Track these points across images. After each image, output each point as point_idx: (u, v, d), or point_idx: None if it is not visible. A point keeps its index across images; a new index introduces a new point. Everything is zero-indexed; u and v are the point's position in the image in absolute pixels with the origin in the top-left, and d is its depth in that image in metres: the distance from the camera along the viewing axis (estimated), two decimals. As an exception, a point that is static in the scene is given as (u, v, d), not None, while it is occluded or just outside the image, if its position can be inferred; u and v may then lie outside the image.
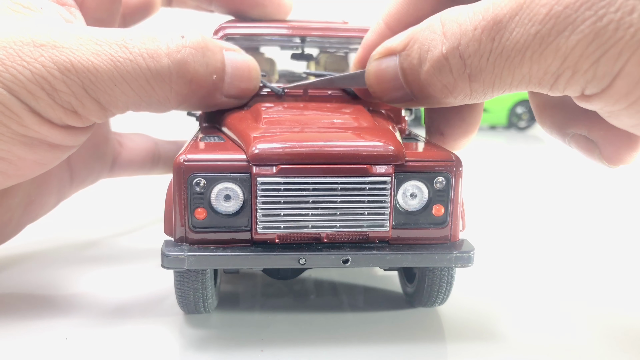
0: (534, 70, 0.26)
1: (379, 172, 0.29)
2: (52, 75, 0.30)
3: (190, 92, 0.33)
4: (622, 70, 0.24)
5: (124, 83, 0.31)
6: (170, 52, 0.32)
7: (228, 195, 0.29)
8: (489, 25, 0.26)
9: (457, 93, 0.29)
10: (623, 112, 0.26)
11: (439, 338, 0.33)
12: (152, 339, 0.32)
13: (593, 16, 0.24)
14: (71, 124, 0.32)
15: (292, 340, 0.32)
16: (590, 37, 0.24)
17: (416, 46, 0.29)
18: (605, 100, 0.26)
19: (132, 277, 0.40)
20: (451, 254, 0.30)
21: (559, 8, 0.24)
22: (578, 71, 0.25)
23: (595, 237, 0.54)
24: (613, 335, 0.33)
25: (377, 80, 0.33)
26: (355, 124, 0.32)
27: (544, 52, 0.25)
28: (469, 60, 0.27)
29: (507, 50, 0.26)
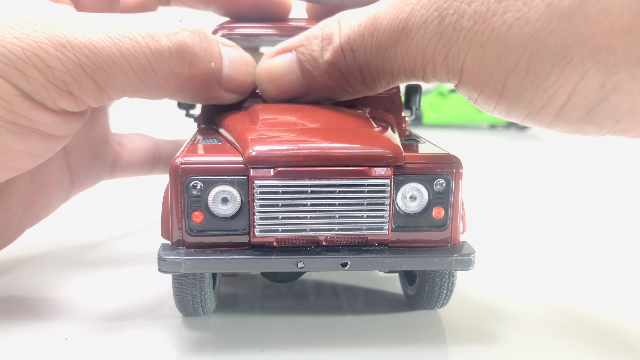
0: (406, 63, 0.30)
1: (378, 175, 0.29)
2: (46, 52, 0.29)
3: (190, 76, 0.33)
4: (464, 66, 0.28)
5: (122, 60, 0.30)
6: (169, 34, 0.32)
7: (225, 198, 0.29)
8: (370, 22, 0.30)
9: (352, 82, 0.33)
10: (479, 100, 0.29)
11: (439, 341, 0.32)
12: (150, 342, 0.32)
13: (438, 17, 0.28)
14: (65, 107, 0.31)
15: (292, 343, 0.32)
16: (437, 36, 0.28)
17: (317, 40, 0.33)
18: (465, 90, 0.29)
19: (131, 279, 0.40)
20: (451, 257, 0.30)
21: (417, 7, 0.28)
22: (436, 64, 0.29)
23: (596, 237, 0.54)
24: (615, 337, 0.33)
25: (268, 78, 0.35)
26: (354, 125, 0.32)
27: (410, 46, 0.29)
28: (357, 52, 0.31)
29: (383, 44, 0.30)
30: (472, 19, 0.27)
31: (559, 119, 0.27)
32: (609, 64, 0.24)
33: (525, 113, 0.28)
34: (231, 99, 0.36)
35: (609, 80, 0.25)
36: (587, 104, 0.26)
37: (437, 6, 0.28)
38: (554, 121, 0.27)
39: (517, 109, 0.28)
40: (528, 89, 0.26)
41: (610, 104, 0.25)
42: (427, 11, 0.28)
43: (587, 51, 0.24)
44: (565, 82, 0.25)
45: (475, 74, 0.28)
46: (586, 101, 0.26)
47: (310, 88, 0.34)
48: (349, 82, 0.33)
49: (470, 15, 0.27)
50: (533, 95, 0.26)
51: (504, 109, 0.28)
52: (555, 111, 0.27)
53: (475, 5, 0.27)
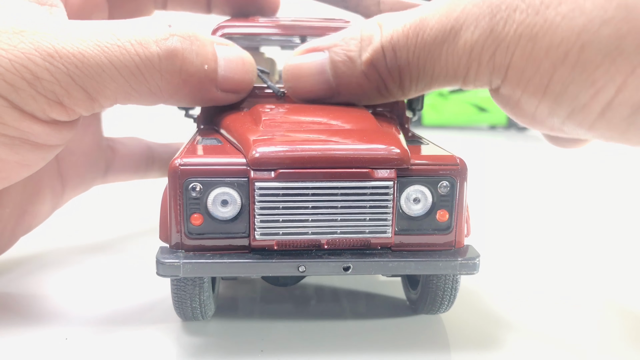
0: (449, 63, 0.30)
1: (381, 177, 0.28)
2: (34, 63, 0.29)
3: (182, 81, 0.32)
4: (511, 61, 0.28)
5: (112, 68, 0.30)
6: (158, 40, 0.31)
7: (225, 200, 0.28)
8: (415, 22, 0.30)
9: (389, 84, 0.33)
10: (522, 99, 0.29)
11: (442, 346, 0.32)
12: (148, 347, 0.31)
13: (489, 13, 0.28)
14: (56, 117, 0.31)
15: (292, 348, 0.31)
16: (487, 32, 0.28)
17: (356, 40, 0.32)
18: (506, 91, 0.29)
19: (130, 283, 0.40)
20: (456, 261, 0.29)
21: (469, 6, 0.28)
22: (482, 63, 0.29)
23: (599, 239, 0.53)
24: (621, 344, 0.33)
25: (295, 76, 0.34)
26: (357, 126, 0.31)
27: (457, 45, 0.29)
28: (399, 53, 0.31)
29: (429, 44, 0.30)
30: (524, 12, 0.27)
31: (603, 118, 0.26)
32: None
33: (568, 111, 0.27)
34: (229, 99, 0.36)
35: None
36: (636, 101, 0.25)
37: (490, 3, 0.28)
38: (597, 121, 0.26)
39: (560, 106, 0.27)
40: (575, 82, 0.26)
41: None
42: (479, 9, 0.28)
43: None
44: (614, 75, 0.25)
45: (522, 69, 0.27)
46: (635, 97, 0.25)
47: (340, 89, 0.34)
48: (386, 84, 0.33)
49: (524, 9, 0.27)
50: (579, 89, 0.26)
51: (546, 107, 0.28)
52: (601, 108, 0.26)
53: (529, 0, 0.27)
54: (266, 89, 0.38)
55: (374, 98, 0.34)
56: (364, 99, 0.34)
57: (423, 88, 0.32)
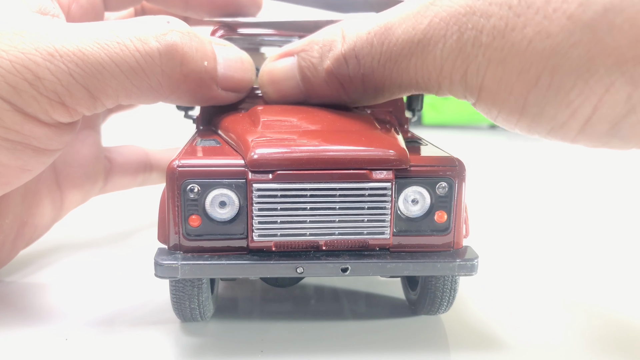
0: (419, 76, 0.29)
1: (379, 178, 0.28)
2: (35, 63, 0.29)
3: (182, 76, 0.32)
4: (483, 84, 0.27)
5: (112, 65, 0.30)
6: (157, 35, 0.31)
7: (223, 201, 0.28)
8: (381, 31, 0.29)
9: (351, 92, 0.32)
10: (499, 118, 0.28)
11: (442, 347, 0.32)
12: (148, 347, 0.31)
13: (457, 31, 0.27)
14: (58, 118, 0.31)
15: (292, 348, 0.31)
16: (456, 52, 0.27)
17: (317, 46, 0.32)
18: (483, 108, 0.29)
19: (130, 283, 0.40)
20: (454, 262, 0.29)
21: (436, 19, 0.27)
22: (454, 82, 0.28)
23: (599, 239, 0.53)
24: (621, 344, 0.33)
25: (270, 80, 0.35)
26: (356, 127, 0.31)
27: (426, 60, 0.28)
28: (362, 60, 0.30)
29: (395, 54, 0.29)
30: (490, 34, 0.26)
31: (583, 134, 0.26)
32: (635, 75, 0.24)
33: (548, 129, 0.27)
34: (230, 99, 0.36)
35: (636, 92, 0.24)
36: (613, 117, 0.25)
37: (457, 20, 0.27)
38: (578, 136, 0.26)
39: (539, 125, 0.27)
40: (551, 104, 0.26)
41: (637, 116, 0.24)
42: (446, 24, 0.27)
43: (612, 62, 0.24)
44: (590, 95, 0.25)
45: (495, 92, 0.27)
46: (612, 114, 0.25)
47: (309, 93, 0.34)
48: (347, 92, 0.32)
49: (489, 30, 0.26)
50: (556, 110, 0.26)
51: (525, 126, 0.28)
52: (580, 125, 0.26)
53: (493, 20, 0.26)
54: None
55: (340, 102, 0.34)
56: (332, 102, 0.34)
57: (389, 95, 0.32)
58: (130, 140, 0.53)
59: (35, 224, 0.41)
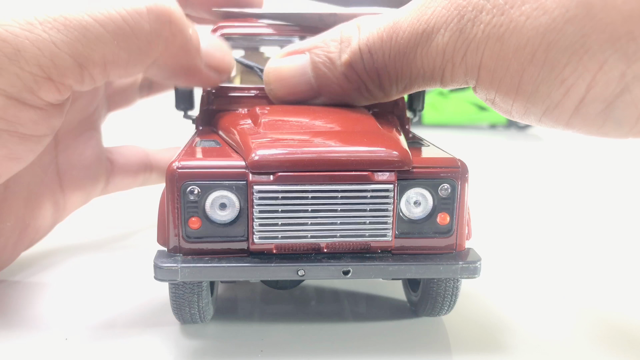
0: (425, 65, 0.30)
1: (381, 180, 0.28)
2: (13, 34, 0.27)
3: (171, 35, 0.31)
4: (482, 61, 0.28)
5: (97, 27, 0.28)
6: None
7: (223, 203, 0.28)
8: (390, 26, 0.30)
9: (369, 85, 0.33)
10: (497, 99, 0.29)
11: (443, 349, 0.32)
12: (147, 349, 0.31)
13: (458, 15, 0.28)
14: (45, 97, 0.29)
15: (292, 350, 0.31)
16: (457, 34, 0.28)
17: (335, 42, 0.33)
18: (483, 89, 0.29)
19: (129, 285, 0.39)
20: (457, 264, 0.29)
21: (439, 9, 0.29)
22: (455, 64, 0.29)
23: (600, 239, 0.53)
24: (624, 346, 0.32)
25: (277, 78, 0.35)
26: (357, 128, 0.31)
27: (430, 48, 0.29)
28: (375, 55, 0.31)
29: (403, 47, 0.30)
30: (490, 12, 0.27)
31: (577, 115, 0.26)
32: (629, 52, 0.24)
33: (543, 109, 0.27)
34: (212, 79, 0.35)
35: (629, 70, 0.24)
36: (607, 96, 0.25)
37: (457, 5, 0.28)
38: (572, 117, 0.26)
39: (534, 105, 0.27)
40: (545, 82, 0.26)
41: (631, 95, 0.24)
42: (447, 11, 0.28)
43: (605, 38, 0.24)
44: (583, 73, 0.25)
45: (492, 69, 0.27)
46: (606, 92, 0.25)
47: (322, 90, 0.34)
48: (366, 85, 0.33)
49: (489, 9, 0.27)
50: (550, 88, 0.26)
51: (521, 106, 0.28)
52: (574, 105, 0.26)
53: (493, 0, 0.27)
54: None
55: (355, 99, 0.34)
56: (345, 100, 0.34)
57: (404, 89, 0.33)
58: (129, 141, 0.53)
59: (37, 226, 0.41)
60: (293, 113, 0.33)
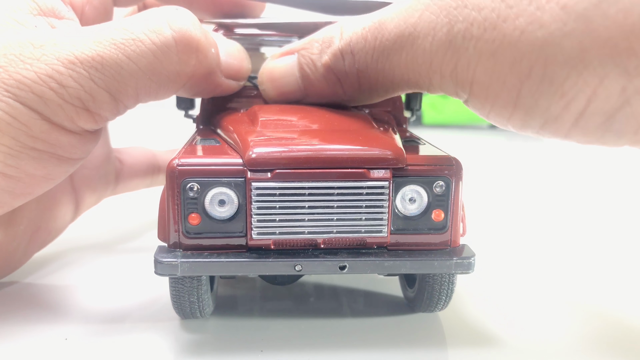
0: (410, 71, 0.29)
1: (376, 177, 0.28)
2: (58, 72, 0.29)
3: (197, 62, 0.32)
4: (474, 77, 0.27)
5: (130, 64, 0.30)
6: (171, 22, 0.31)
7: (222, 200, 0.29)
8: (375, 26, 0.30)
9: (347, 88, 0.32)
10: (492, 113, 0.28)
11: (439, 344, 0.32)
12: (148, 345, 0.31)
13: (447, 24, 0.27)
14: (83, 125, 0.31)
15: (291, 345, 0.31)
16: (446, 45, 0.27)
17: (317, 43, 0.33)
18: (476, 104, 0.28)
19: (129, 282, 0.40)
20: (451, 260, 0.29)
21: (427, 12, 0.27)
22: (444, 76, 0.28)
23: (597, 238, 0.53)
24: (617, 341, 0.33)
25: (269, 78, 0.35)
26: (354, 126, 0.32)
27: (416, 53, 0.28)
28: (357, 56, 0.30)
29: (387, 48, 0.29)
30: (481, 26, 0.26)
31: (577, 127, 0.26)
32: (630, 67, 0.23)
33: (541, 122, 0.27)
34: (232, 87, 0.36)
35: (630, 84, 0.24)
36: (607, 110, 0.25)
37: (447, 12, 0.27)
38: (572, 129, 0.26)
39: (533, 119, 0.27)
40: (544, 96, 0.25)
41: (632, 108, 0.24)
42: (436, 17, 0.27)
43: (606, 53, 0.23)
44: (583, 87, 0.24)
45: (487, 85, 0.27)
46: (606, 106, 0.24)
47: (307, 92, 0.34)
48: (344, 88, 0.33)
49: (480, 22, 0.26)
50: (549, 102, 0.25)
51: (519, 120, 0.27)
52: (574, 118, 0.25)
53: (485, 13, 0.26)
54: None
55: (338, 100, 0.34)
56: (329, 101, 0.34)
57: (384, 93, 0.32)
58: (133, 141, 0.53)
59: (50, 228, 0.41)
60: (290, 112, 0.33)
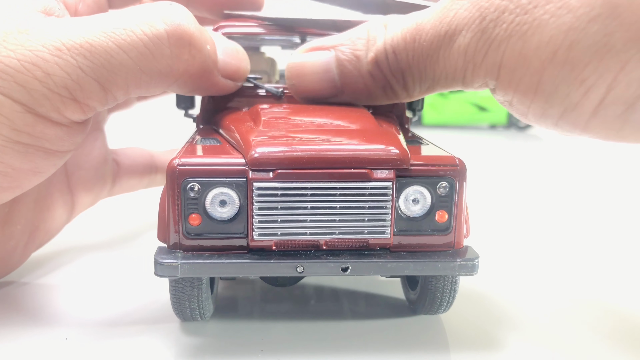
0: (447, 67, 0.30)
1: (380, 177, 0.28)
2: (43, 59, 0.28)
3: (190, 57, 0.32)
4: (503, 60, 0.28)
5: (121, 54, 0.29)
6: (164, 16, 0.31)
7: (223, 200, 0.28)
8: (412, 28, 0.31)
9: (393, 84, 0.33)
10: (515, 100, 0.29)
11: (442, 346, 0.32)
12: (148, 347, 0.31)
13: (480, 17, 0.28)
14: (70, 116, 0.30)
15: (292, 348, 0.31)
16: (479, 35, 0.28)
17: (362, 40, 0.33)
18: (501, 90, 0.29)
19: (129, 283, 0.39)
20: (455, 262, 0.29)
21: (461, 11, 0.29)
22: (476, 64, 0.29)
23: (599, 238, 0.53)
24: (621, 343, 0.33)
25: (299, 73, 0.34)
26: (357, 126, 0.31)
27: (452, 49, 0.29)
28: (399, 56, 0.31)
29: (426, 48, 0.30)
30: (513, 12, 0.27)
31: (596, 117, 0.26)
32: None
33: (560, 111, 0.27)
34: (229, 87, 0.35)
35: None
36: (628, 97, 0.25)
37: (479, 7, 0.28)
38: (590, 120, 0.26)
39: (552, 106, 0.27)
40: (565, 82, 0.26)
41: None
42: (469, 13, 0.28)
43: (629, 37, 0.24)
44: (604, 73, 0.25)
45: (513, 69, 0.27)
46: (627, 94, 0.25)
47: (345, 88, 0.34)
48: (391, 85, 0.33)
49: (512, 9, 0.27)
50: (570, 88, 0.26)
51: (538, 108, 0.28)
52: (593, 106, 0.26)
53: (516, 0, 0.27)
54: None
55: (378, 98, 0.34)
56: (368, 99, 0.34)
57: (427, 90, 0.33)
58: (130, 142, 0.53)
59: (47, 228, 0.41)
60: (292, 112, 0.33)
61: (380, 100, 0.34)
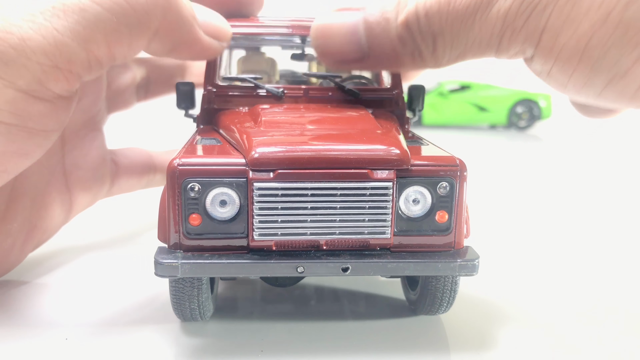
0: (483, 32, 0.29)
1: (380, 177, 0.28)
2: (16, 25, 0.27)
3: (166, 2, 0.31)
4: (547, 24, 0.26)
5: (94, 6, 0.28)
6: None
7: (224, 200, 0.28)
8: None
9: (423, 48, 0.31)
10: (554, 69, 0.27)
11: (442, 347, 0.32)
12: (148, 347, 0.31)
13: None
14: (53, 87, 0.29)
15: (292, 348, 0.31)
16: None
17: (392, 3, 0.31)
18: (540, 58, 0.28)
19: (129, 283, 0.39)
20: (455, 262, 0.29)
21: None
22: (515, 29, 0.27)
23: (598, 238, 0.53)
24: (619, 344, 0.33)
25: (324, 34, 0.32)
26: (357, 126, 0.31)
27: (490, 14, 0.28)
28: (431, 19, 0.30)
29: (461, 12, 0.29)
30: None
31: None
32: None
33: (607, 79, 0.25)
34: (212, 46, 0.35)
35: None
36: None
37: None
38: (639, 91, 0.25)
39: (598, 74, 0.26)
40: (616, 45, 0.24)
41: None
42: None
43: None
44: None
45: (557, 32, 0.26)
46: None
47: (372, 52, 0.32)
48: (420, 50, 0.31)
49: None
50: (621, 53, 0.24)
51: (581, 77, 0.26)
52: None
53: None
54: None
55: (405, 64, 0.32)
56: (394, 65, 0.32)
57: (457, 57, 0.31)
58: (130, 142, 0.53)
59: (44, 227, 0.41)
60: (293, 112, 0.33)
61: (407, 67, 0.32)
